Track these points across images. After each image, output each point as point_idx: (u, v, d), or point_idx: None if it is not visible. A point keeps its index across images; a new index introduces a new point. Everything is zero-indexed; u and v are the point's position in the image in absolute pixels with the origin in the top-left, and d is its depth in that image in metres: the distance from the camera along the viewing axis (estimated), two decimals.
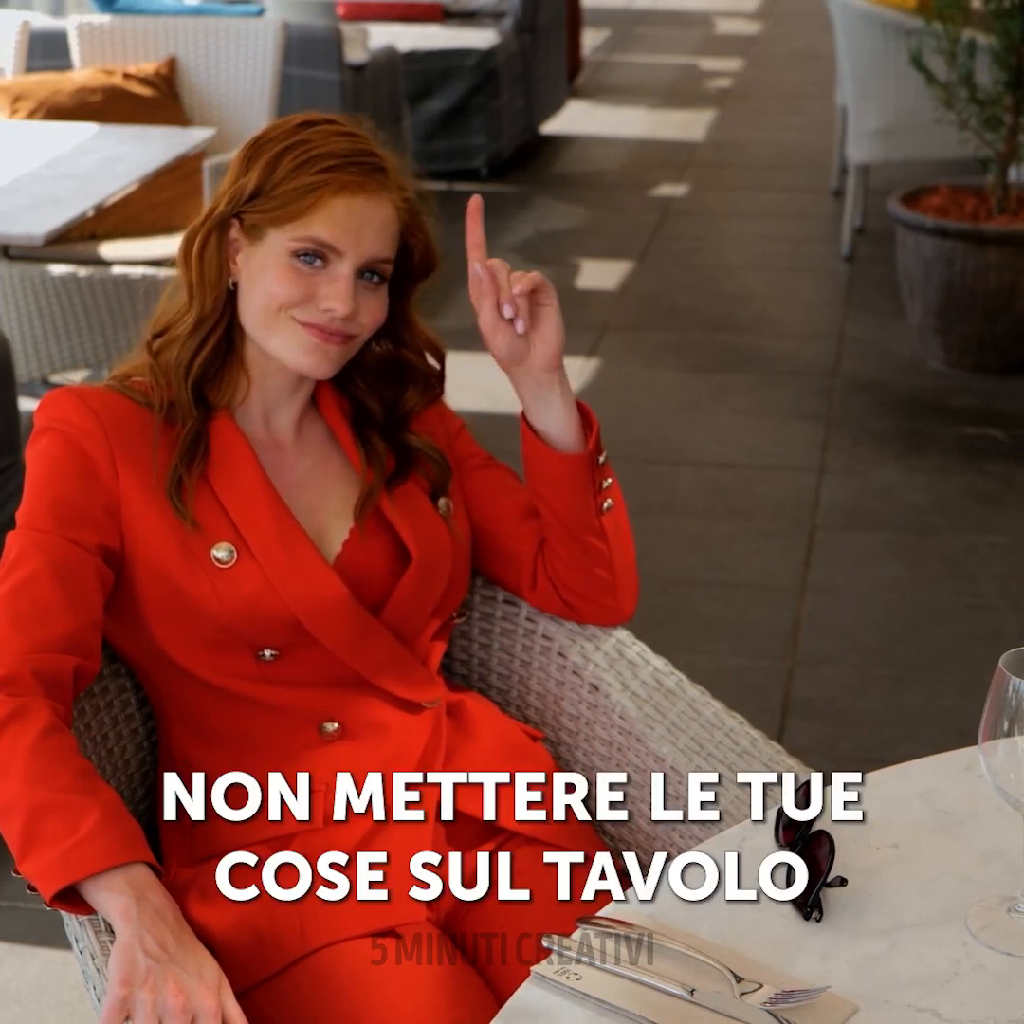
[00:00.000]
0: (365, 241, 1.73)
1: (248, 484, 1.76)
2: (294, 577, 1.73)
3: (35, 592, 1.65)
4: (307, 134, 1.74)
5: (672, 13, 10.25)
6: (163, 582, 1.71)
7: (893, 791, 1.59)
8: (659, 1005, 1.33)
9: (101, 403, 1.75)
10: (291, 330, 1.73)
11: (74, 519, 1.69)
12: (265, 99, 4.71)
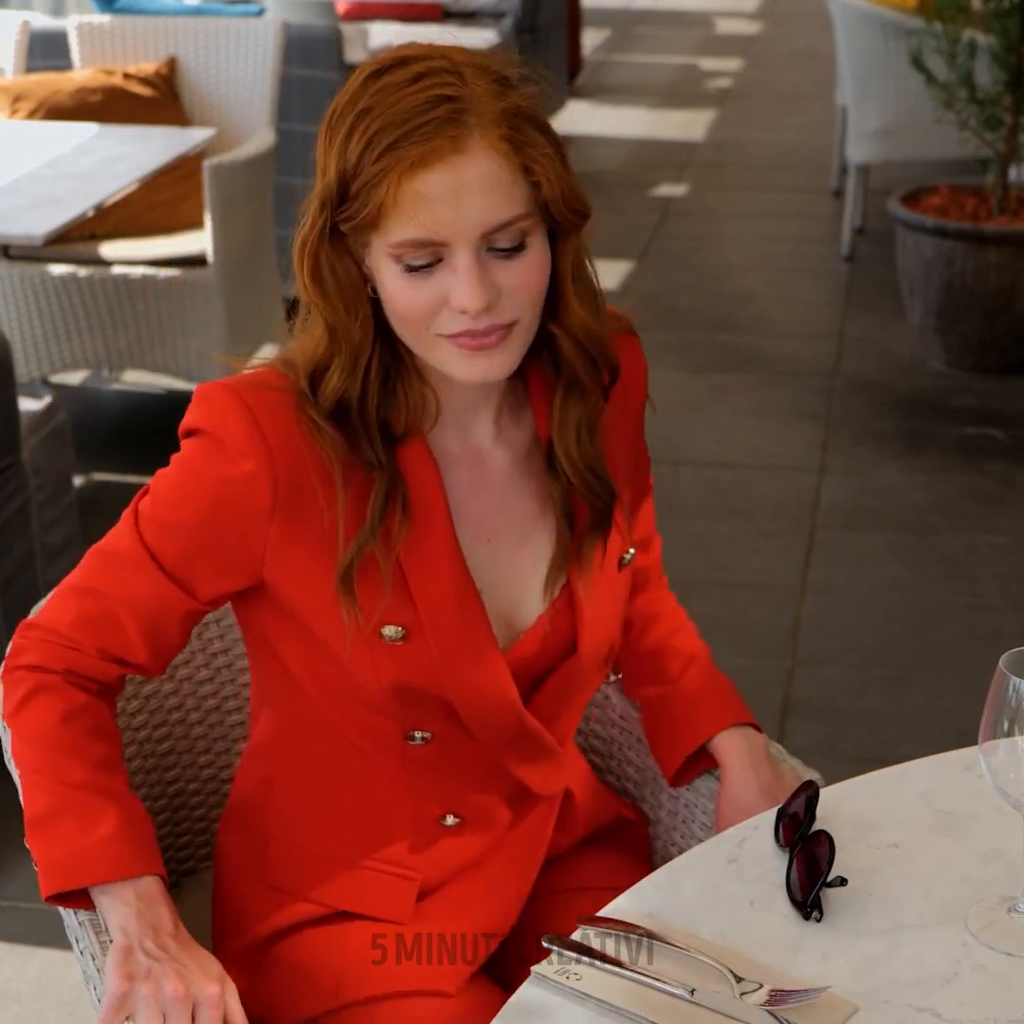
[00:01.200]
0: (467, 215, 1.40)
1: (436, 555, 1.51)
2: (464, 668, 1.53)
3: (114, 608, 1.53)
4: (373, 95, 1.41)
5: (672, 13, 10.24)
6: (314, 644, 1.53)
7: (893, 791, 1.59)
8: (659, 1005, 1.33)
9: (272, 421, 1.47)
10: (442, 347, 1.45)
11: (196, 567, 1.51)
12: (265, 99, 4.70)
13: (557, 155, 1.44)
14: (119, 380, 4.87)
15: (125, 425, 4.67)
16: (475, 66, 1.43)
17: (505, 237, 1.42)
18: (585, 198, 1.47)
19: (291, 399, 1.48)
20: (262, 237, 4.44)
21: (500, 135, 1.40)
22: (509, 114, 1.41)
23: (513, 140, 1.41)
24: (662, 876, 1.49)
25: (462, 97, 1.40)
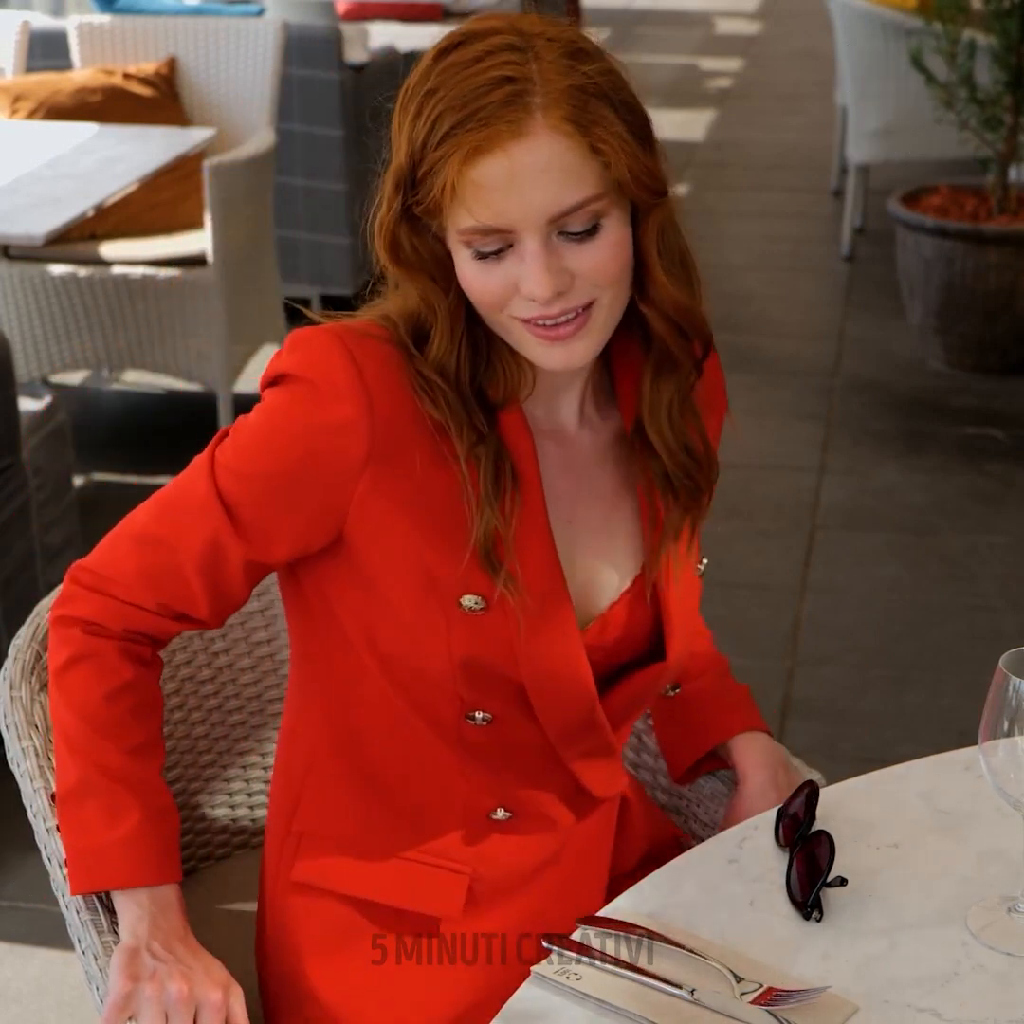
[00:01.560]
0: (532, 201, 1.34)
1: (527, 530, 1.46)
2: (542, 645, 1.47)
3: (179, 561, 1.47)
4: (438, 75, 1.36)
5: (672, 13, 10.24)
6: (385, 609, 1.47)
7: (893, 791, 1.59)
8: (659, 1005, 1.33)
9: (376, 371, 1.42)
10: (518, 330, 1.41)
11: (275, 523, 1.45)
12: (265, 99, 4.70)
13: (631, 132, 1.39)
14: (119, 380, 4.87)
15: (125, 425, 4.67)
16: (548, 38, 1.36)
17: (577, 221, 1.36)
18: (662, 174, 1.44)
19: (397, 352, 1.43)
20: (262, 237, 4.44)
21: (563, 115, 1.34)
22: (575, 91, 1.35)
23: (579, 120, 1.34)
24: (662, 876, 1.49)
25: (524, 76, 1.33)
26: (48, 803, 1.55)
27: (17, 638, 1.67)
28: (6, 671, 1.64)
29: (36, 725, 1.61)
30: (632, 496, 1.54)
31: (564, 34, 1.38)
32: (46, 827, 1.55)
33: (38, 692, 1.63)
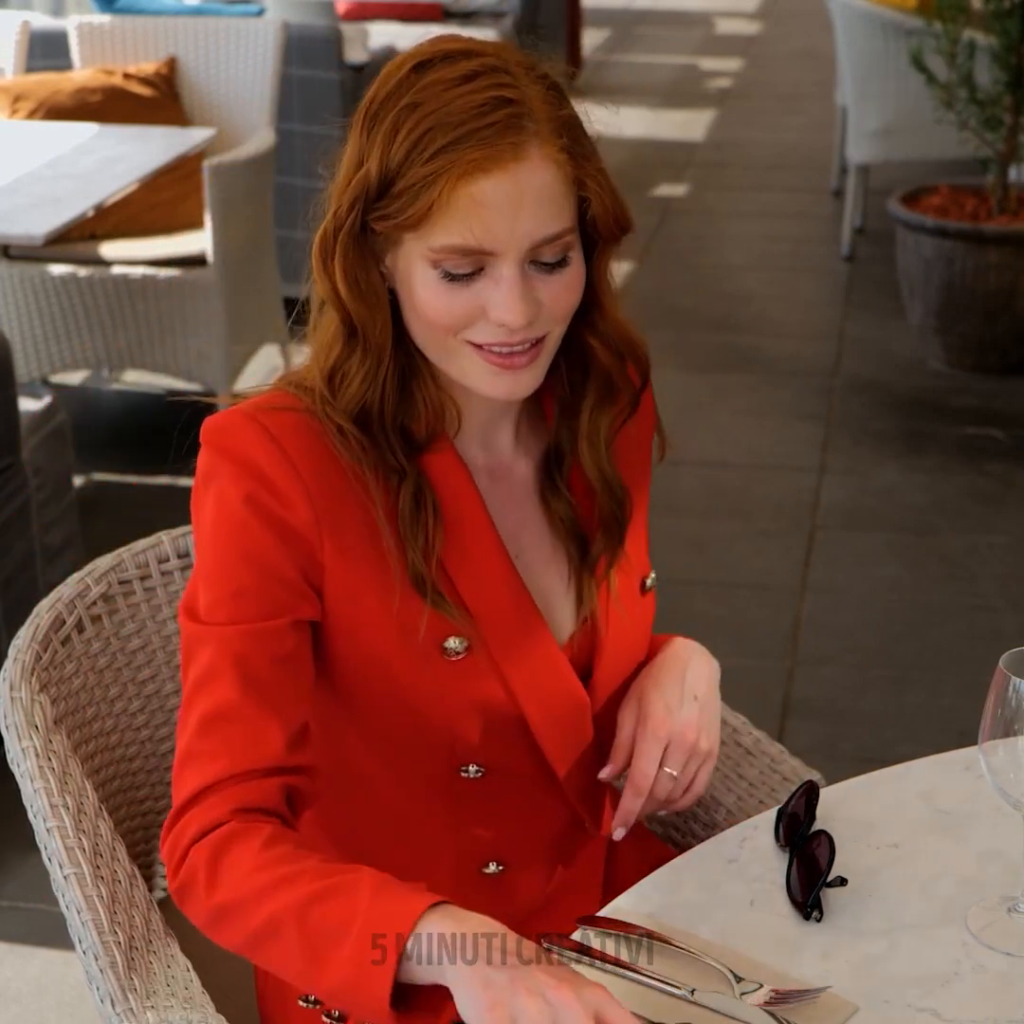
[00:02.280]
0: (520, 227, 1.33)
1: (483, 559, 1.45)
2: (531, 673, 1.47)
3: (234, 713, 1.38)
4: (420, 90, 1.33)
5: (672, 13, 10.25)
6: (375, 671, 1.44)
7: (893, 791, 1.59)
8: (659, 1005, 1.33)
9: (296, 442, 1.39)
10: (468, 357, 1.39)
11: (271, 603, 1.40)
12: (265, 99, 4.70)
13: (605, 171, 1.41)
14: (119, 380, 4.87)
15: (125, 425, 4.67)
16: (524, 65, 1.36)
17: (550, 251, 1.36)
18: (629, 211, 1.44)
19: (306, 418, 1.41)
20: (262, 237, 4.44)
21: (559, 145, 1.35)
22: (567, 124, 1.36)
23: (571, 152, 1.36)
24: (662, 876, 1.49)
25: (520, 100, 1.33)
26: (48, 804, 1.56)
27: (17, 638, 1.67)
28: (6, 671, 1.64)
29: (36, 726, 1.61)
30: (557, 527, 1.53)
31: (537, 64, 1.38)
32: (46, 827, 1.55)
33: (38, 692, 1.63)
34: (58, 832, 1.54)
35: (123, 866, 1.58)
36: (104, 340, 4.25)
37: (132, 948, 1.51)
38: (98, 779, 1.71)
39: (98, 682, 1.74)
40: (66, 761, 1.61)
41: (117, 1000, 1.48)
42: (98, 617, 1.74)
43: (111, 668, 1.76)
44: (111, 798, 1.73)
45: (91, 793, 1.62)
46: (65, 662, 1.69)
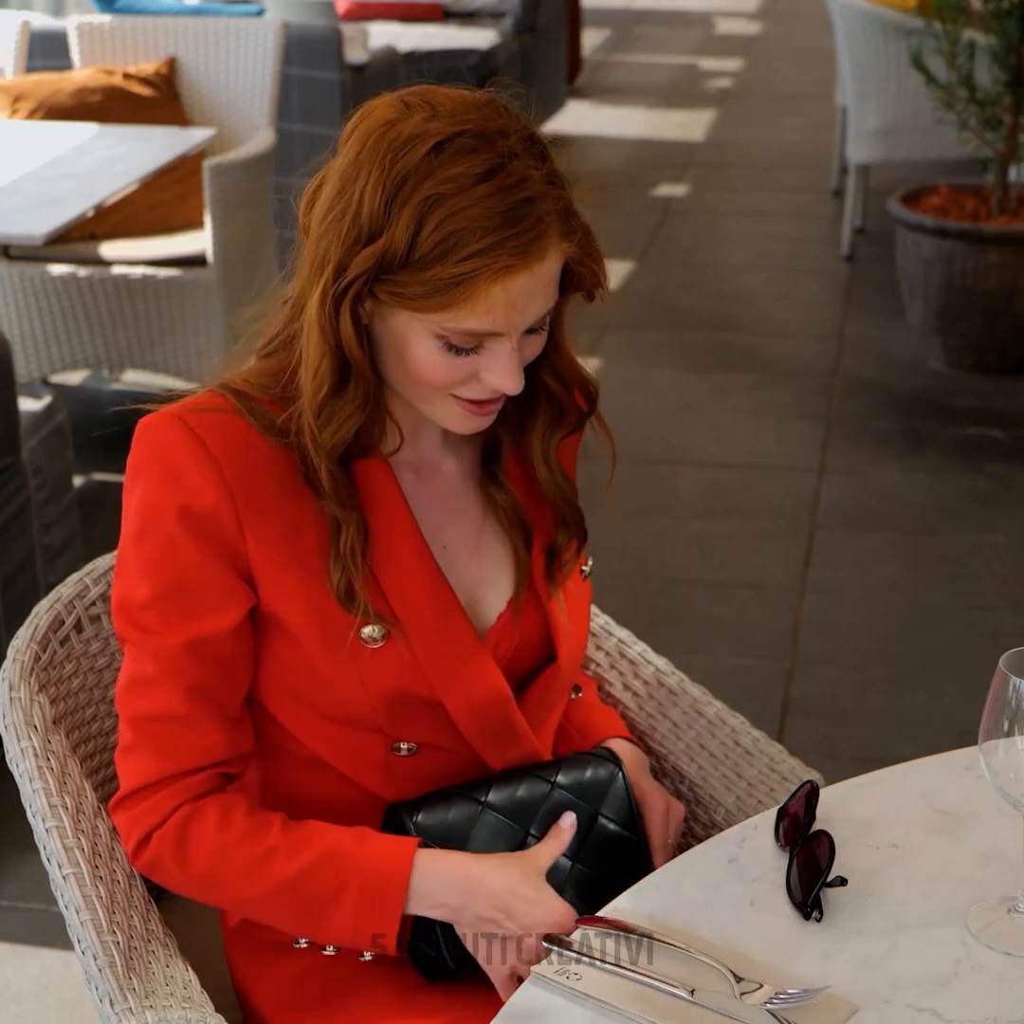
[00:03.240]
0: (531, 312, 1.44)
1: (403, 552, 1.53)
2: (449, 662, 1.54)
3: (175, 715, 1.50)
4: (442, 182, 1.39)
5: (672, 13, 10.25)
6: (300, 657, 1.51)
7: (893, 791, 1.59)
8: (659, 1005, 1.33)
9: (220, 440, 1.47)
10: (448, 405, 1.48)
11: (201, 605, 1.48)
12: (265, 99, 4.71)
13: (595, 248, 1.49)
14: (119, 380, 4.87)
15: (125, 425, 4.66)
16: (521, 136, 1.43)
17: (539, 322, 1.46)
18: (606, 275, 1.52)
19: (232, 417, 1.49)
20: (262, 237, 4.45)
21: (562, 233, 1.43)
22: (566, 204, 1.44)
23: (571, 237, 1.44)
24: (662, 876, 1.49)
25: (538, 198, 1.40)
26: (47, 804, 1.55)
27: (16, 639, 1.67)
28: (5, 671, 1.63)
29: (35, 726, 1.61)
30: (497, 515, 1.61)
31: (527, 126, 1.45)
32: (45, 827, 1.55)
33: (37, 693, 1.63)
34: (57, 832, 1.54)
35: (122, 866, 1.58)
36: (104, 340, 4.25)
37: (131, 948, 1.51)
38: (97, 779, 1.71)
39: (97, 682, 1.74)
40: (65, 761, 1.61)
41: (116, 1000, 1.48)
42: (97, 617, 1.74)
43: (110, 668, 1.76)
44: (110, 798, 1.73)
45: (90, 793, 1.62)
46: (64, 662, 1.69)
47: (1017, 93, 4.82)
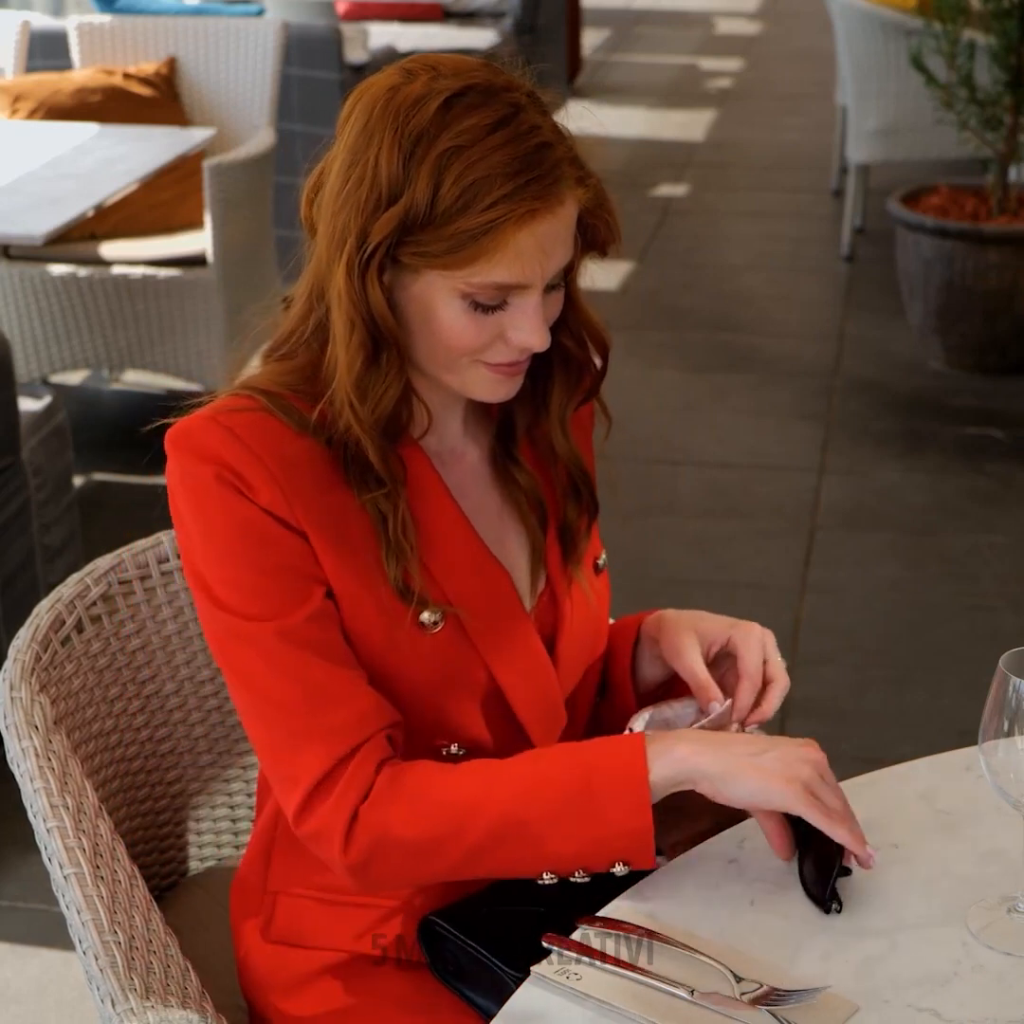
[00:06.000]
0: (554, 263, 1.43)
1: (451, 536, 1.52)
2: (504, 642, 1.53)
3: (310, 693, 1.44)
4: (459, 134, 1.39)
5: (672, 13, 10.25)
6: (359, 649, 1.48)
7: (893, 791, 1.59)
8: (659, 1005, 1.33)
9: (258, 438, 1.45)
10: (475, 372, 1.47)
11: (297, 579, 1.45)
12: (265, 99, 4.71)
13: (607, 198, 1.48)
14: (119, 380, 4.87)
15: (125, 425, 4.67)
16: (526, 92, 1.43)
17: (558, 276, 1.46)
18: (619, 228, 1.50)
19: (265, 416, 1.47)
20: (262, 237, 4.45)
21: (576, 178, 1.43)
22: (576, 159, 1.44)
23: (586, 183, 1.44)
24: (662, 876, 1.49)
25: (552, 144, 1.41)
26: (48, 804, 1.56)
27: (17, 639, 1.67)
28: (6, 672, 1.63)
29: (36, 726, 1.60)
30: (513, 505, 1.59)
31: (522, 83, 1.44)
32: (46, 827, 1.55)
33: (38, 693, 1.63)
34: (58, 832, 1.54)
35: (123, 866, 1.58)
36: (104, 340, 4.25)
37: (132, 948, 1.51)
38: (98, 779, 1.71)
39: (98, 682, 1.74)
40: (66, 761, 1.61)
41: (117, 1000, 1.48)
42: (98, 617, 1.74)
43: (111, 668, 1.76)
44: (111, 798, 1.73)
45: (91, 793, 1.62)
46: (65, 662, 1.69)
47: (1017, 93, 4.82)
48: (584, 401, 1.61)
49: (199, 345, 4.22)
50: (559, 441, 1.58)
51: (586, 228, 1.47)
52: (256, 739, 1.48)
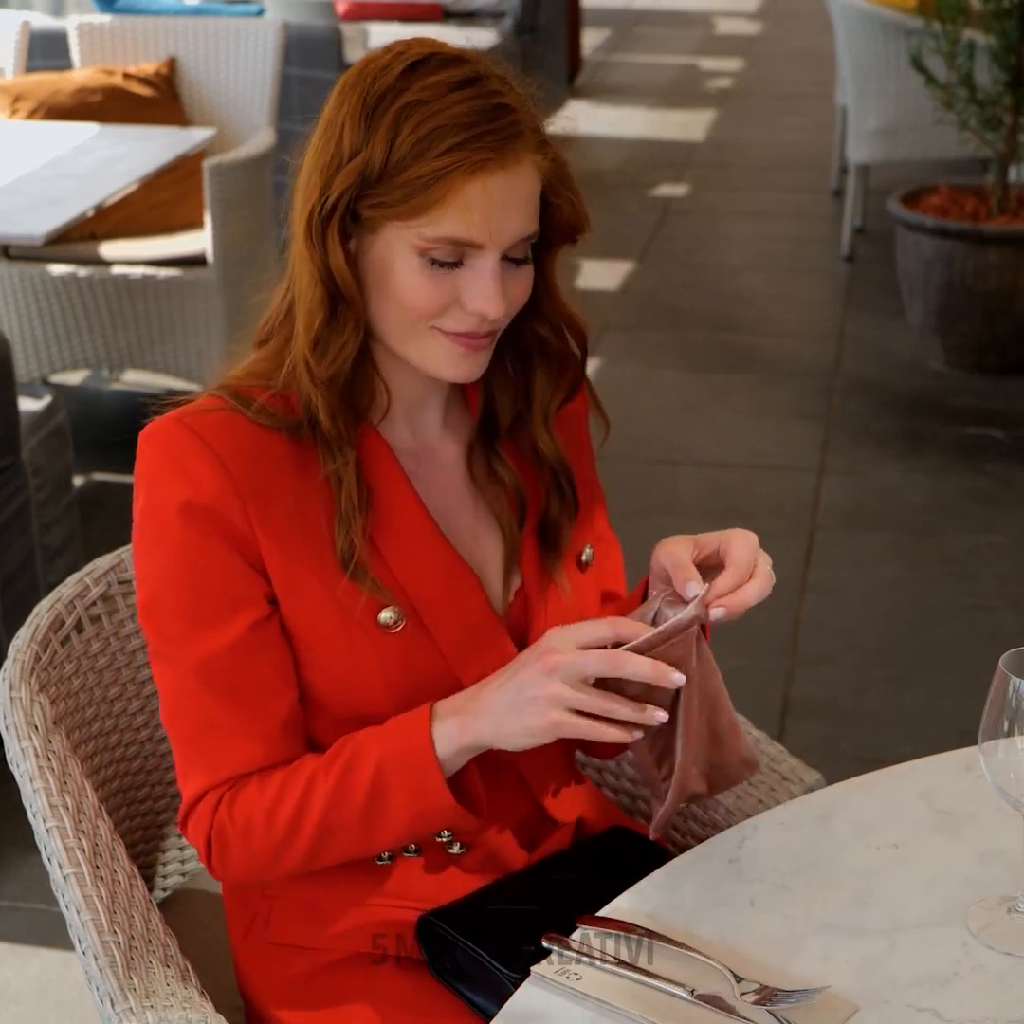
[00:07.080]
0: (508, 225, 1.43)
1: (412, 532, 1.52)
2: (468, 644, 1.53)
3: (209, 723, 1.50)
4: (422, 89, 1.41)
5: (672, 13, 10.25)
6: (320, 649, 1.50)
7: (893, 791, 1.59)
8: (659, 1005, 1.33)
9: (222, 437, 1.47)
10: (434, 341, 1.46)
11: (222, 604, 1.48)
12: (265, 99, 4.71)
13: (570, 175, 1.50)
14: (119, 380, 4.87)
15: (125, 425, 4.67)
16: (508, 75, 1.47)
17: (520, 249, 1.46)
18: (586, 212, 1.51)
19: (231, 415, 1.49)
20: (262, 237, 4.45)
21: (536, 145, 1.45)
22: (543, 132, 1.47)
23: (546, 152, 1.46)
24: (662, 876, 1.49)
25: (517, 109, 1.44)
26: (47, 804, 1.55)
27: (16, 639, 1.67)
28: (5, 672, 1.63)
29: (35, 726, 1.60)
30: (490, 503, 1.59)
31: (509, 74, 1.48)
32: (46, 827, 1.55)
33: (37, 693, 1.63)
34: (58, 832, 1.54)
35: (123, 866, 1.58)
36: (104, 340, 4.25)
37: (132, 948, 1.51)
38: (98, 779, 1.71)
39: (98, 682, 1.74)
40: (65, 761, 1.61)
41: (117, 1000, 1.48)
42: (98, 617, 1.74)
43: (111, 668, 1.76)
44: (111, 798, 1.73)
45: (91, 793, 1.62)
46: (64, 662, 1.69)
47: (1017, 93, 4.82)
48: (569, 398, 1.60)
49: (199, 345, 4.22)
50: (542, 437, 1.58)
51: (550, 207, 1.48)
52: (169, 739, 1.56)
